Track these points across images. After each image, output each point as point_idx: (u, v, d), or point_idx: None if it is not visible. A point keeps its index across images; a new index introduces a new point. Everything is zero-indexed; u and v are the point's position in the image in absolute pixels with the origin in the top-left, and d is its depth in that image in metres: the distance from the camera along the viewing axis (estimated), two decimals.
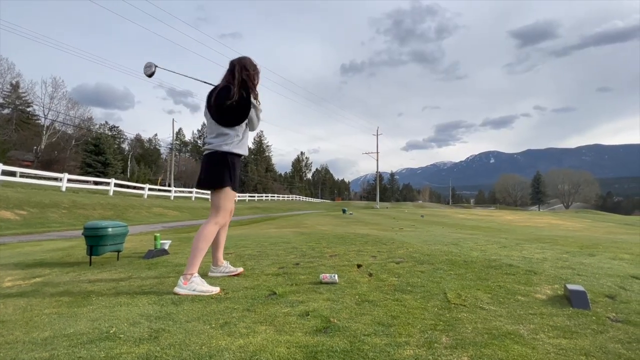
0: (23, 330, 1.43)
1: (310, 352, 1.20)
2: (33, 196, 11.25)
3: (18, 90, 39.68)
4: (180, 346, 1.25)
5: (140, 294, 1.98)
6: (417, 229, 8.09)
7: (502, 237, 5.52)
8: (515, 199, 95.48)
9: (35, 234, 6.99)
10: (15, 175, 14.79)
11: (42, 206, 10.62)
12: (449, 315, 1.59)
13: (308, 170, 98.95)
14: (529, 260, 2.89)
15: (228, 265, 2.53)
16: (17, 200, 10.20)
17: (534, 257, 3.09)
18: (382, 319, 1.53)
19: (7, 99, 39.06)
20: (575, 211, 50.84)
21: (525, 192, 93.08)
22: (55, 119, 39.56)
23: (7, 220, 8.65)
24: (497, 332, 1.37)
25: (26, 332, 1.41)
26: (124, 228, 3.29)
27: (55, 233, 7.35)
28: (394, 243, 4.09)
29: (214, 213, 2.22)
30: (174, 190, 24.03)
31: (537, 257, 3.05)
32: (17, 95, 39.70)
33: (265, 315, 1.60)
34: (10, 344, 1.28)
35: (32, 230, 8.02)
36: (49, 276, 2.62)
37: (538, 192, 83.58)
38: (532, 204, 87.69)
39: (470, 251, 3.43)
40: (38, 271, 2.79)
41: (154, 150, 63.77)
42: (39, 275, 2.66)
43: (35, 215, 9.72)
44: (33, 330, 1.43)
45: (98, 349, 1.23)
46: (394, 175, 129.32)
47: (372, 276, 2.38)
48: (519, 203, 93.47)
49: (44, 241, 5.59)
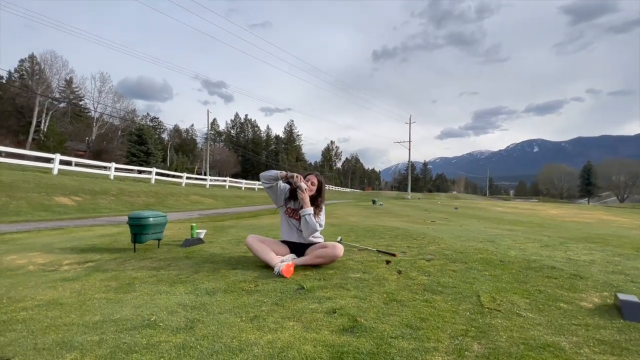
0: (78, 313, 1.59)
1: (337, 352, 1.22)
2: (86, 184, 12.31)
3: (72, 86, 43.22)
4: (213, 338, 1.32)
5: (178, 283, 2.11)
6: (450, 223, 7.82)
7: (544, 234, 5.17)
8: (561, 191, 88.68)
9: (88, 219, 7.68)
10: (71, 165, 16.23)
11: (94, 193, 11.60)
12: (482, 320, 1.52)
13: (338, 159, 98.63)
14: (575, 263, 2.68)
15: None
16: (73, 188, 11.22)
17: (581, 259, 2.86)
18: (411, 321, 1.50)
19: (63, 94, 42.70)
20: (631, 205, 46.15)
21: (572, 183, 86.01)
22: (104, 111, 42.70)
23: (65, 205, 9.57)
24: (535, 343, 1.29)
25: (80, 315, 1.56)
26: (164, 218, 3.50)
27: (105, 218, 8.02)
28: (425, 238, 3.98)
29: None
30: (209, 179, 25.11)
31: (583, 260, 2.82)
32: (71, 90, 43.30)
33: (293, 310, 1.63)
34: (67, 326, 1.43)
35: (85, 215, 8.82)
36: (99, 261, 2.87)
37: (588, 183, 76.83)
38: (581, 196, 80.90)
39: (507, 250, 3.26)
40: (90, 256, 3.07)
41: (191, 140, 66.79)
42: (91, 260, 2.92)
43: (88, 202, 10.65)
44: (86, 313, 1.58)
45: (140, 335, 1.33)
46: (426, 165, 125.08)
47: (401, 274, 2.34)
48: (565, 195, 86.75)
49: (95, 226, 6.12)
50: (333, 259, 2.52)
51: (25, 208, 8.26)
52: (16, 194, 8.85)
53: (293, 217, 2.66)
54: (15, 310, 1.61)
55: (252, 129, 79.02)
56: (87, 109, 44.94)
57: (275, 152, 76.72)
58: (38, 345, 1.25)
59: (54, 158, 13.26)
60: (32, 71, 38.32)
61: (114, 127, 45.27)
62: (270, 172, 2.62)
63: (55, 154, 13.53)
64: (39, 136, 35.68)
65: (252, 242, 2.55)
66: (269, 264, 2.43)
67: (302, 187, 2.51)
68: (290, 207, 2.68)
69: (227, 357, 1.17)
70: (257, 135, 78.25)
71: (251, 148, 70.47)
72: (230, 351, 1.22)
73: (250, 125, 79.15)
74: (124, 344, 1.25)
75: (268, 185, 2.64)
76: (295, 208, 2.66)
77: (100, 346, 1.24)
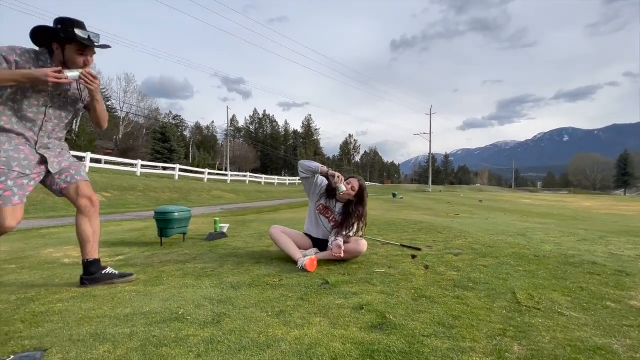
0: (109, 305, 1.63)
1: (367, 350, 1.17)
2: (115, 180, 12.86)
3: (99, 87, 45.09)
4: (240, 333, 1.31)
5: (204, 277, 2.13)
6: (475, 216, 7.56)
7: (579, 227, 4.88)
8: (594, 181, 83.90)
9: (117, 214, 8.01)
10: (101, 162, 17.04)
11: (122, 189, 12.10)
12: (520, 319, 1.43)
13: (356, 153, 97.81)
14: (619, 258, 2.49)
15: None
16: (103, 184, 11.75)
17: (625, 254, 2.66)
18: (443, 318, 1.43)
19: None
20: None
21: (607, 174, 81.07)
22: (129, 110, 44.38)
23: None
24: (583, 345, 1.19)
25: (112, 307, 1.60)
26: (188, 212, 3.57)
27: (133, 213, 8.35)
28: (451, 232, 3.84)
29: None
30: (230, 174, 25.61)
31: (628, 255, 2.62)
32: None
33: (319, 306, 1.60)
34: (100, 318, 1.46)
35: (115, 210, 9.21)
36: (129, 254, 2.96)
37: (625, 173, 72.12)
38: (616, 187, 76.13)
39: (541, 244, 3.08)
40: (120, 250, 3.18)
41: (212, 137, 68.25)
42: (121, 253, 3.02)
43: (117, 197, 11.13)
44: (117, 306, 1.62)
45: (169, 329, 1.34)
46: (448, 157, 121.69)
47: (429, 269, 2.26)
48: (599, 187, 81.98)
49: (124, 221, 6.38)
50: (356, 255, 2.46)
51: (61, 204, 8.72)
52: None
53: (323, 215, 2.57)
54: (52, 302, 1.68)
55: (271, 125, 79.68)
56: (114, 109, 46.82)
57: (293, 147, 77.09)
58: (73, 336, 1.29)
59: (85, 157, 13.93)
60: None
61: (139, 126, 46.99)
62: (311, 164, 2.49)
63: (86, 153, 14.21)
64: (70, 136, 37.68)
65: (276, 234, 2.51)
66: (292, 258, 2.41)
67: (342, 190, 2.37)
68: (323, 203, 2.58)
69: (255, 353, 1.16)
70: (275, 131, 78.86)
71: (270, 143, 71.16)
72: (257, 347, 1.20)
73: (269, 120, 79.83)
74: (153, 337, 1.26)
75: (305, 176, 2.53)
76: (328, 205, 2.56)
77: (131, 339, 1.26)
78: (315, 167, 2.47)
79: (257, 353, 1.16)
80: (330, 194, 2.52)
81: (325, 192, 2.57)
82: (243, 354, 1.15)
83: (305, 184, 2.60)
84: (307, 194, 2.65)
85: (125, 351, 1.17)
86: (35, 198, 8.49)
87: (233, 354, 1.15)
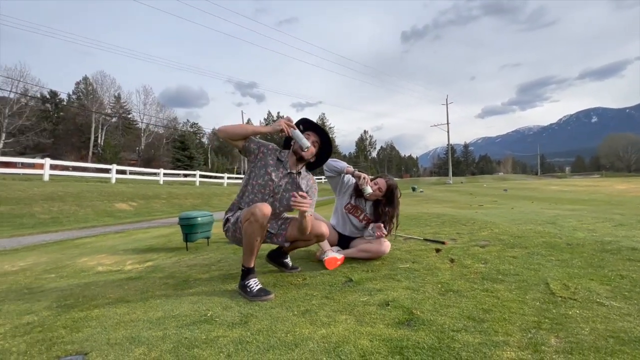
0: (142, 309, 1.69)
1: (395, 346, 1.16)
2: (140, 189, 13.37)
3: (120, 101, 47.07)
4: (267, 332, 1.32)
5: (230, 279, 2.18)
6: (500, 206, 7.31)
7: (615, 212, 4.61)
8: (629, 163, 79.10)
9: (144, 222, 8.33)
10: (126, 173, 17.78)
11: (147, 198, 12.55)
12: (556, 311, 1.37)
13: (372, 148, 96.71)
14: None
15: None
16: (130, 194, 12.24)
17: None
18: (472, 312, 1.39)
19: (113, 109, 46.67)
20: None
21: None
22: (149, 122, 46.00)
23: (124, 210, 10.48)
24: (627, 336, 1.13)
25: (144, 311, 1.66)
26: (211, 217, 3.66)
27: (158, 220, 8.66)
28: (475, 223, 3.74)
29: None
30: None
31: None
32: (120, 105, 47.18)
33: (344, 303, 1.60)
34: (134, 322, 1.52)
35: (141, 218, 9.58)
36: (157, 260, 3.07)
37: None
38: None
39: (573, 231, 2.94)
40: (149, 256, 3.30)
41: None
42: (150, 259, 3.13)
43: (143, 206, 11.56)
44: (149, 310, 1.68)
45: (199, 331, 1.38)
46: (467, 147, 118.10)
47: (454, 262, 2.20)
48: (634, 168, 77.22)
49: (150, 228, 6.63)
50: (378, 255, 2.40)
51: (92, 215, 9.16)
52: (83, 202, 9.85)
53: (352, 214, 2.53)
54: (89, 308, 1.76)
55: None
56: (135, 121, 48.72)
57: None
58: (110, 340, 1.34)
59: (111, 168, 14.56)
60: (86, 91, 42.42)
61: (159, 136, 48.64)
62: (337, 164, 2.45)
63: (112, 165, 14.86)
64: (97, 149, 39.51)
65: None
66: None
67: (368, 192, 2.31)
68: (352, 203, 2.53)
69: (283, 352, 1.17)
70: None
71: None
72: (285, 346, 1.21)
73: None
74: (185, 339, 1.30)
75: (330, 175, 2.52)
76: (357, 205, 2.52)
77: (164, 341, 1.30)
78: (341, 168, 2.45)
79: (285, 352, 1.17)
80: (359, 193, 2.47)
81: (353, 191, 2.54)
82: (272, 354, 1.16)
83: (331, 182, 2.60)
84: (333, 191, 2.65)
85: (159, 353, 1.21)
86: (67, 210, 8.97)
87: (262, 353, 1.17)
